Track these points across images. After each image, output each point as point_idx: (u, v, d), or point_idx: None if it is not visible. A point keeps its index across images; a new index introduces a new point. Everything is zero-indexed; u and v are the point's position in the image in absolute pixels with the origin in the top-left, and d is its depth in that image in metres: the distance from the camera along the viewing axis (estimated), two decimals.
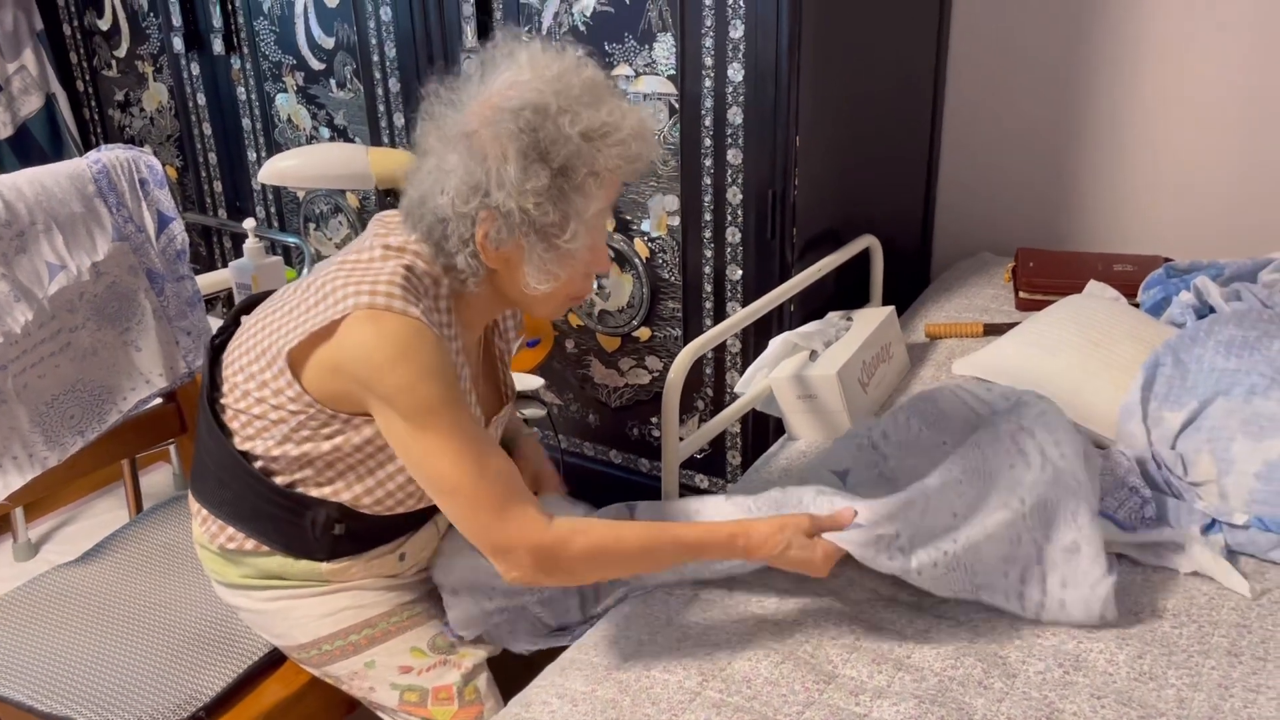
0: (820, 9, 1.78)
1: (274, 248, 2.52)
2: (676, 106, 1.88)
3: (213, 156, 2.69)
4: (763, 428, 2.01)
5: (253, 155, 2.59)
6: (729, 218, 1.91)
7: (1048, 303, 1.96)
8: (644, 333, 2.10)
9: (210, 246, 2.83)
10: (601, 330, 2.15)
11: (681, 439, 1.62)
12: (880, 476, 1.46)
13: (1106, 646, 1.20)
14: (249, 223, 2.02)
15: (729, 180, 1.88)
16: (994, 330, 1.98)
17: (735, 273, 1.94)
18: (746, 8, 1.74)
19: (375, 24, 2.21)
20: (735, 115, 1.83)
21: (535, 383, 1.83)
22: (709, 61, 1.82)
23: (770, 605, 1.29)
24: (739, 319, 1.70)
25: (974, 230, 2.53)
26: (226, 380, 1.25)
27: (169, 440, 1.80)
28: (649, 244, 2.02)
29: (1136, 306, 1.94)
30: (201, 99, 2.63)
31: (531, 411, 1.80)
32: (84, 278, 1.54)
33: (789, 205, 1.85)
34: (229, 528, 1.30)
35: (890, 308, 1.91)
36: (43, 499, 2.47)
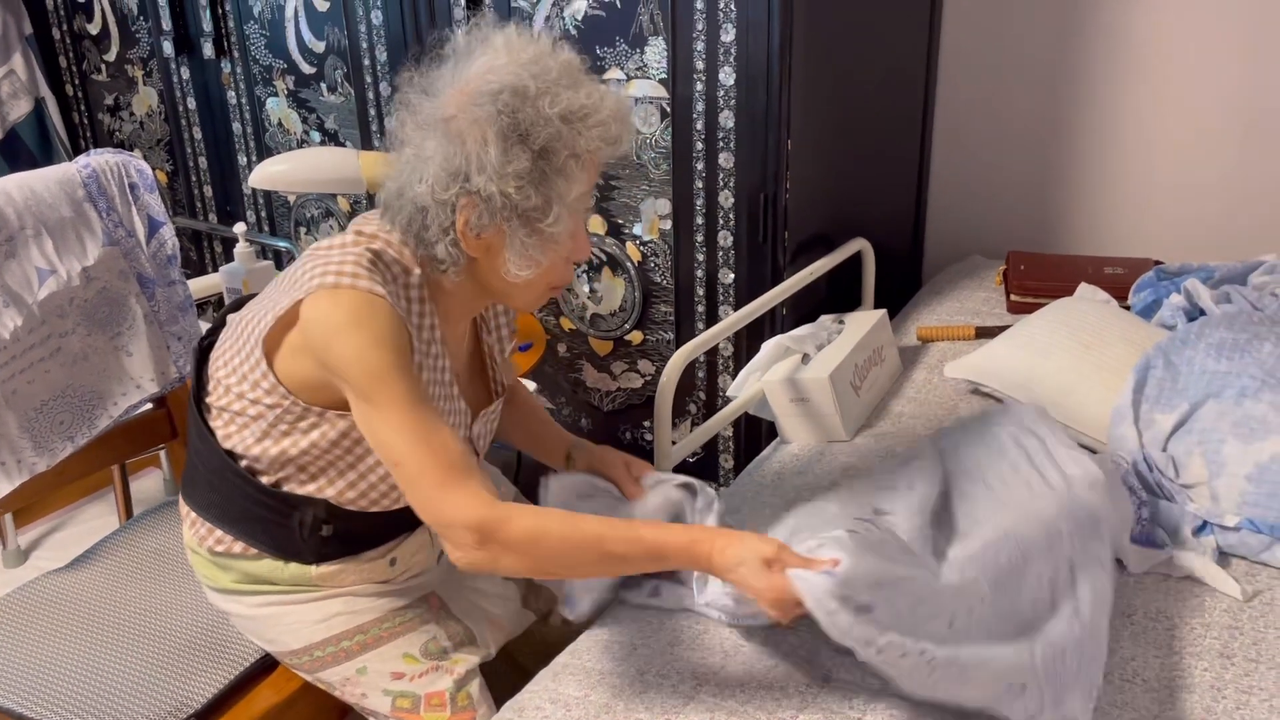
0: (811, 13, 1.79)
1: (265, 252, 2.51)
2: (668, 110, 1.88)
3: (203, 161, 2.68)
4: (755, 431, 2.02)
5: (243, 159, 2.59)
6: (721, 221, 1.91)
7: (1039, 305, 1.96)
8: (636, 336, 2.10)
9: (201, 251, 2.82)
10: (594, 334, 2.15)
11: (674, 443, 1.62)
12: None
13: None
14: (240, 227, 2.02)
15: (721, 184, 1.88)
16: (986, 333, 1.99)
17: (727, 276, 1.94)
18: (738, 11, 1.74)
19: (366, 28, 2.21)
20: (727, 119, 1.83)
21: (527, 387, 1.83)
22: (700, 65, 1.82)
23: None
24: (731, 323, 1.70)
25: (965, 233, 2.53)
26: (211, 378, 1.26)
27: (159, 446, 1.80)
28: (641, 248, 2.02)
29: (1127, 309, 1.94)
30: (192, 103, 2.62)
31: None
32: (74, 283, 1.53)
33: (781, 209, 1.85)
34: (217, 530, 1.30)
35: (882, 311, 1.91)
36: (32, 505, 2.46)
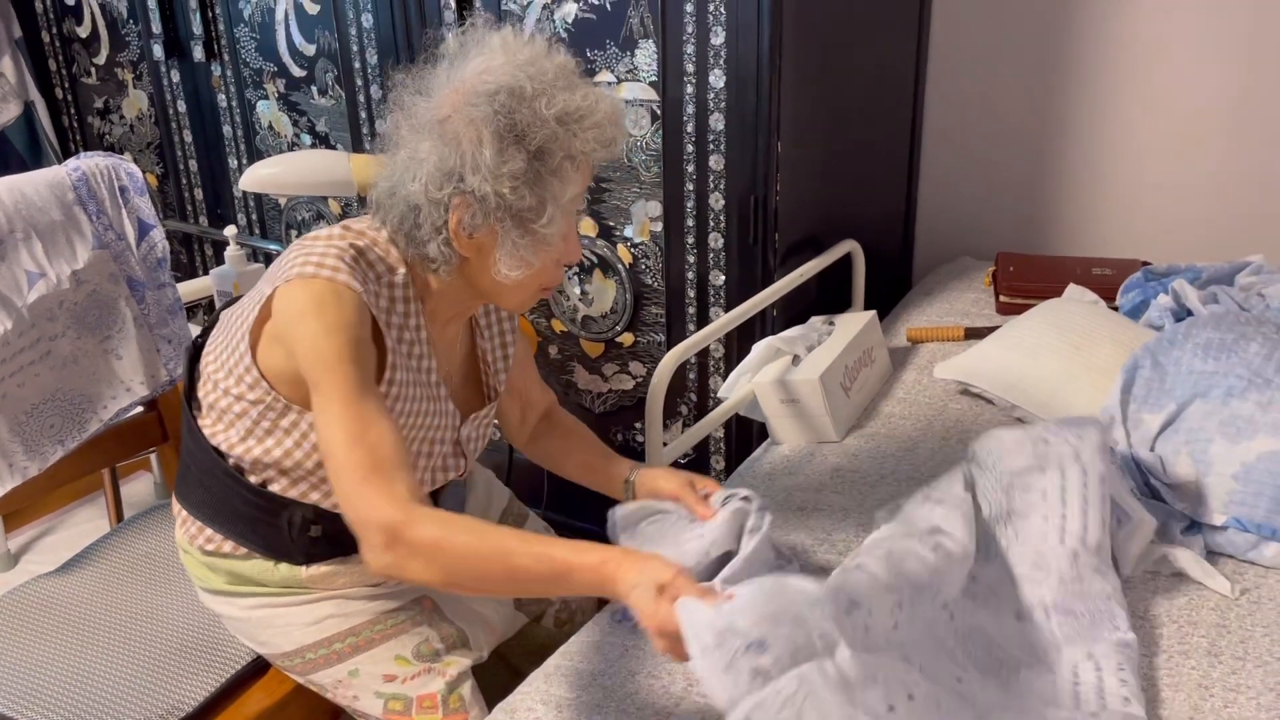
0: (801, 16, 1.79)
1: (255, 255, 2.51)
2: (658, 113, 1.89)
3: (193, 164, 2.68)
4: (746, 433, 2.02)
5: (234, 162, 2.59)
6: (711, 223, 1.91)
7: (1028, 306, 1.97)
8: (627, 338, 2.10)
9: (191, 254, 2.81)
10: (585, 336, 2.15)
11: (666, 444, 1.62)
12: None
13: None
14: (230, 230, 2.01)
15: (711, 186, 1.88)
16: (975, 334, 2.00)
17: (718, 278, 1.95)
18: (728, 14, 1.75)
19: (356, 30, 2.21)
20: (717, 121, 1.83)
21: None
22: (690, 68, 1.82)
23: None
24: (722, 324, 1.71)
25: (955, 235, 2.54)
26: (202, 374, 1.26)
27: (150, 449, 1.79)
28: (632, 250, 2.02)
29: (1115, 310, 1.95)
30: (182, 106, 2.62)
31: None
32: (64, 286, 1.53)
33: (771, 211, 1.86)
34: (208, 529, 1.30)
35: (872, 312, 1.92)
36: (23, 508, 2.46)
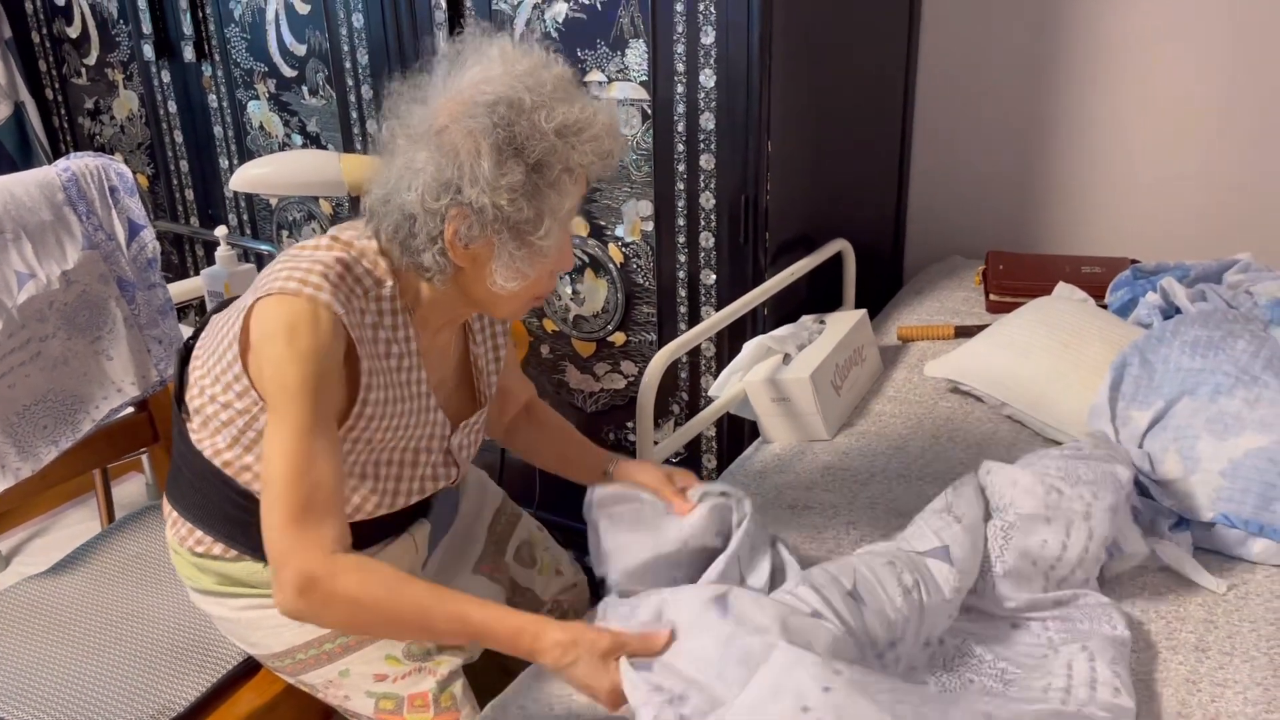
0: (791, 15, 1.80)
1: (246, 255, 2.51)
2: (649, 112, 1.89)
3: (184, 164, 2.68)
4: (738, 431, 2.02)
5: (224, 163, 2.58)
6: (702, 223, 1.92)
7: (1018, 305, 1.98)
8: (619, 338, 2.11)
9: (182, 254, 2.81)
10: (577, 335, 2.16)
11: (657, 443, 1.63)
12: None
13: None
14: (221, 230, 2.01)
15: (702, 185, 1.89)
16: (965, 332, 2.00)
17: (709, 277, 1.95)
18: (718, 14, 1.75)
19: (347, 30, 2.21)
20: (708, 121, 1.84)
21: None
22: (681, 67, 1.83)
23: None
24: (713, 323, 1.71)
25: (945, 234, 2.55)
26: (190, 380, 1.25)
27: (141, 450, 1.79)
28: (623, 249, 2.03)
29: (1104, 308, 1.96)
30: (172, 106, 2.61)
31: None
32: (54, 286, 1.53)
33: (762, 210, 1.86)
34: (198, 531, 1.29)
35: (862, 311, 1.92)
36: (14, 510, 2.44)
